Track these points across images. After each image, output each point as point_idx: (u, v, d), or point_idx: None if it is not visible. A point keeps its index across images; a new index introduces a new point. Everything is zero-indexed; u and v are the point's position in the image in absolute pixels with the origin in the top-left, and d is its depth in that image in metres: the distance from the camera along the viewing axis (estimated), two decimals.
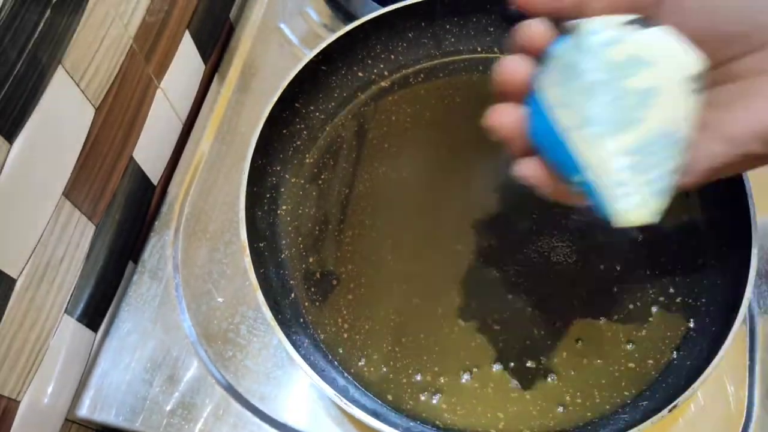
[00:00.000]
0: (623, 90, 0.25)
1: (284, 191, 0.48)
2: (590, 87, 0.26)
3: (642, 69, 0.25)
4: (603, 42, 0.25)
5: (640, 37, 0.25)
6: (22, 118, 0.35)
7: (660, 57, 0.25)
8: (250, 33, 0.59)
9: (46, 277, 0.40)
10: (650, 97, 0.25)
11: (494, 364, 0.42)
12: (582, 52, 0.26)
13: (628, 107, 0.25)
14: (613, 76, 0.25)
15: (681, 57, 0.26)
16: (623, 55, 0.25)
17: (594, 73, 0.25)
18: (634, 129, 0.26)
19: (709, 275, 0.43)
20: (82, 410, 0.45)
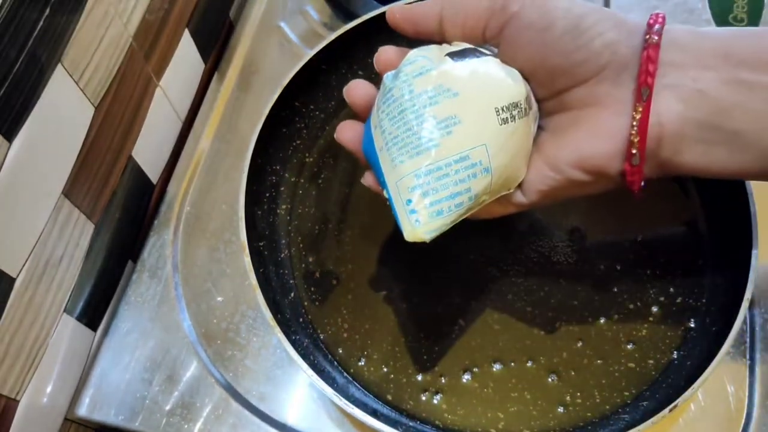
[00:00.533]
0: (423, 117, 0.27)
1: (284, 190, 0.48)
2: (396, 112, 0.28)
3: (447, 98, 0.27)
4: (414, 72, 0.27)
5: (453, 67, 0.28)
6: (22, 117, 0.35)
7: (470, 87, 0.27)
8: (250, 31, 0.59)
9: (45, 276, 0.40)
10: (450, 125, 0.27)
11: (494, 364, 0.41)
12: (396, 80, 0.28)
13: (426, 133, 0.27)
14: (417, 103, 0.27)
15: (496, 87, 0.28)
16: (430, 85, 0.27)
17: (400, 100, 0.28)
18: (428, 154, 0.27)
19: (710, 275, 0.43)
20: (81, 409, 0.45)
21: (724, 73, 0.26)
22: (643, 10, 0.58)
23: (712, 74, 0.27)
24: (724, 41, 0.27)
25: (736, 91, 0.26)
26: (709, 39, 0.27)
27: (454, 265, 0.44)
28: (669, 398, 0.36)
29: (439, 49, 0.30)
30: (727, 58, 0.27)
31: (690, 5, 0.58)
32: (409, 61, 0.29)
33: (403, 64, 0.29)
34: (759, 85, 0.26)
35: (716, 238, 0.43)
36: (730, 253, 0.41)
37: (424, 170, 0.28)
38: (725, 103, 0.26)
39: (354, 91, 0.32)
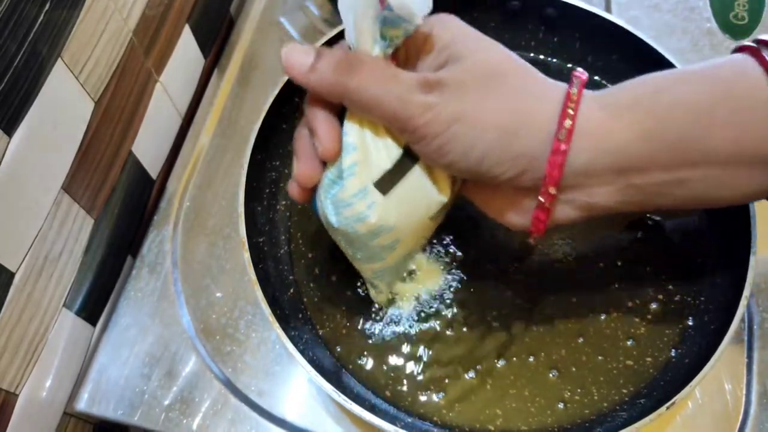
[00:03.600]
0: (371, 248, 0.34)
1: (284, 186, 0.48)
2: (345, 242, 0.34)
3: (386, 232, 0.32)
4: (353, 217, 0.32)
5: (385, 204, 0.31)
6: (21, 112, 0.35)
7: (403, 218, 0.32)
8: (251, 27, 0.59)
9: (44, 271, 0.40)
10: (392, 248, 0.34)
11: (493, 361, 0.42)
12: (339, 219, 0.32)
13: (377, 253, 0.34)
14: (364, 240, 0.33)
15: (426, 205, 0.33)
16: (371, 228, 0.32)
17: (347, 236, 0.33)
18: (380, 262, 0.36)
19: (709, 274, 0.43)
20: (80, 404, 0.45)
21: (618, 185, 0.31)
22: (643, 7, 0.58)
23: (607, 188, 0.31)
24: (620, 155, 0.30)
25: (625, 193, 0.31)
26: (608, 155, 0.30)
27: (454, 262, 0.44)
28: (667, 396, 0.36)
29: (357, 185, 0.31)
30: (623, 173, 0.31)
31: (691, 3, 0.58)
32: (346, 203, 0.31)
33: (340, 204, 0.32)
34: (646, 185, 0.31)
35: (715, 237, 0.43)
36: (729, 252, 0.41)
37: (378, 270, 0.37)
38: (615, 204, 0.32)
39: (302, 173, 0.33)
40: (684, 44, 0.56)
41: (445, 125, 0.29)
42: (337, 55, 0.30)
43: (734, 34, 0.56)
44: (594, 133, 0.30)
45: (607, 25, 0.46)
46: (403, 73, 0.30)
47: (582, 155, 0.30)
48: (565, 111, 0.30)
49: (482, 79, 0.30)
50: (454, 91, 0.29)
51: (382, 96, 0.29)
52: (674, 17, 0.58)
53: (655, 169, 0.30)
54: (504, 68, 0.31)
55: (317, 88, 0.30)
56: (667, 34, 0.57)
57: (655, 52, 0.45)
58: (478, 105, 0.29)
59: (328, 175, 0.32)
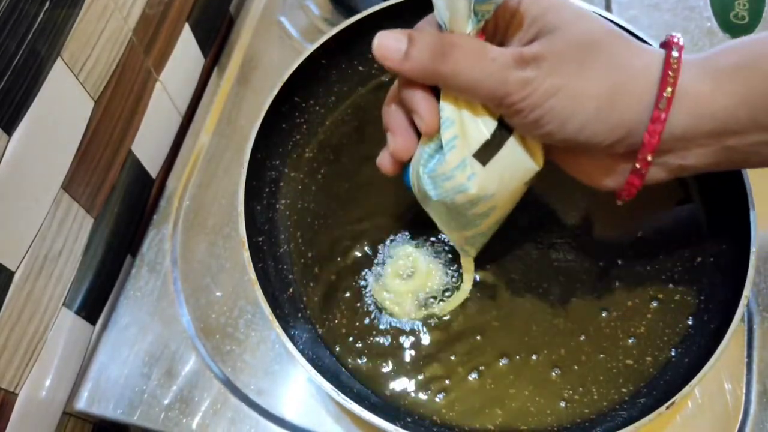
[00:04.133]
0: (468, 216, 0.34)
1: (283, 185, 0.48)
2: (442, 210, 0.34)
3: (484, 201, 0.33)
4: (454, 189, 0.32)
5: (484, 174, 0.32)
6: (21, 111, 0.35)
7: (502, 187, 0.33)
8: (250, 26, 0.59)
9: (44, 270, 0.40)
10: (489, 213, 0.34)
11: (493, 360, 0.42)
12: (437, 191, 0.33)
13: (473, 220, 0.35)
14: (461, 209, 0.33)
15: (522, 174, 0.33)
16: (470, 198, 0.32)
17: (444, 205, 0.33)
18: (474, 229, 0.36)
19: (709, 273, 0.43)
20: (80, 403, 0.45)
21: (713, 147, 0.31)
22: (643, 6, 0.58)
23: (702, 150, 0.31)
24: (720, 119, 0.30)
25: (719, 154, 0.31)
26: (708, 120, 0.30)
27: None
28: (666, 395, 0.36)
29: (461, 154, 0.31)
30: (720, 136, 0.31)
31: (691, 3, 0.58)
32: (446, 176, 0.32)
33: (440, 178, 0.32)
34: (741, 146, 0.31)
35: (715, 236, 0.43)
36: (729, 251, 0.41)
37: (471, 236, 0.37)
38: (707, 165, 0.32)
39: (399, 147, 0.33)
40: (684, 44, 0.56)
41: (543, 99, 0.29)
42: (429, 40, 0.30)
43: (734, 33, 0.56)
44: (694, 100, 0.30)
45: None
46: (497, 50, 0.30)
47: (681, 122, 0.30)
48: (666, 78, 0.30)
49: (578, 51, 0.30)
50: (551, 65, 0.29)
51: (478, 78, 0.29)
52: (674, 17, 0.58)
53: (754, 131, 0.30)
54: (599, 38, 0.30)
55: (413, 75, 0.30)
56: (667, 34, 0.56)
57: None
58: (574, 77, 0.29)
59: (426, 149, 0.32)
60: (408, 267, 0.44)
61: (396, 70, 0.31)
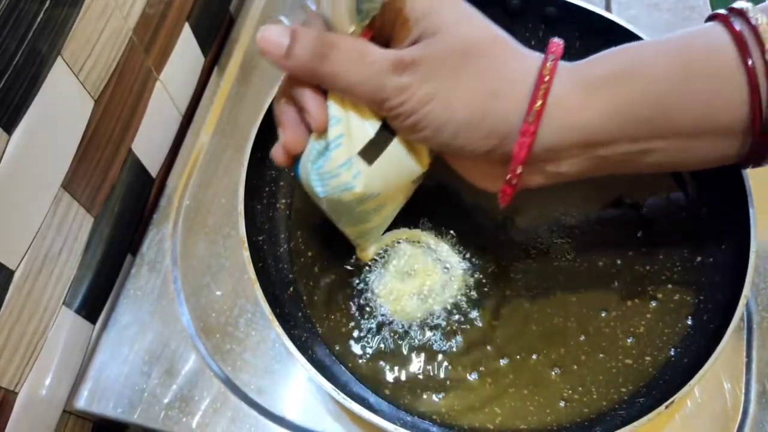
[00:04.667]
0: (356, 213, 0.35)
1: (283, 185, 0.48)
2: (330, 208, 0.35)
3: (371, 198, 0.33)
4: (339, 186, 0.32)
5: (370, 172, 0.32)
6: (21, 109, 0.35)
7: (388, 185, 0.33)
8: (251, 26, 0.59)
9: (44, 269, 0.40)
10: (376, 211, 0.35)
11: (492, 360, 0.42)
12: (325, 189, 0.33)
13: (362, 216, 0.35)
14: (349, 207, 0.34)
15: (408, 172, 0.34)
16: (356, 196, 0.33)
17: (332, 203, 0.34)
18: (363, 224, 0.37)
19: (708, 273, 0.43)
20: (80, 402, 0.45)
21: (585, 156, 0.32)
22: (643, 6, 0.58)
23: (574, 160, 0.32)
24: (589, 131, 0.30)
25: (592, 163, 0.32)
26: (577, 132, 0.31)
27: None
28: (666, 395, 0.36)
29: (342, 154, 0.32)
30: (590, 147, 0.31)
31: (690, 2, 0.58)
32: (332, 174, 0.32)
33: (327, 175, 0.32)
34: (612, 156, 0.31)
35: (715, 236, 0.43)
36: (729, 251, 0.41)
37: (363, 230, 0.39)
38: (581, 172, 0.33)
39: (289, 142, 0.33)
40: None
41: (419, 105, 0.30)
42: (311, 39, 0.30)
43: None
44: (564, 111, 0.30)
45: (607, 23, 0.46)
46: (377, 53, 0.30)
47: (551, 134, 0.30)
48: (537, 90, 0.30)
49: (456, 58, 0.30)
50: (428, 71, 0.29)
51: (356, 81, 0.29)
52: (674, 16, 0.58)
53: (623, 141, 0.31)
54: (478, 44, 0.30)
55: (295, 73, 0.31)
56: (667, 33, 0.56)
57: None
58: (450, 85, 0.30)
59: (315, 146, 0.32)
60: (408, 266, 0.44)
61: (278, 66, 0.30)
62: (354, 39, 0.30)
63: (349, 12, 0.29)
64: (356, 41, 0.30)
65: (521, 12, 0.49)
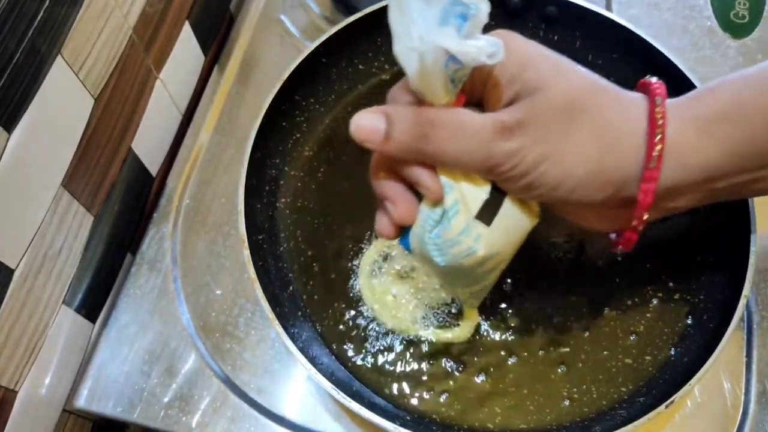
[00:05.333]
0: (475, 276, 0.34)
1: (283, 184, 0.48)
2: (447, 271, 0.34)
3: (491, 259, 0.33)
4: (461, 254, 0.32)
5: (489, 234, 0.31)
6: (21, 108, 0.35)
7: (507, 244, 0.33)
8: (251, 24, 0.59)
9: (44, 268, 0.40)
10: (493, 270, 0.35)
11: (492, 359, 0.42)
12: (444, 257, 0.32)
13: (480, 277, 0.35)
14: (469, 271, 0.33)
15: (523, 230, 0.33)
16: (478, 260, 0.32)
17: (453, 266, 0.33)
18: (479, 284, 0.37)
19: (708, 273, 0.43)
20: (79, 401, 0.45)
21: (699, 192, 0.32)
22: (643, 6, 0.58)
23: (690, 195, 0.32)
24: (708, 169, 0.30)
25: (707, 196, 0.32)
26: (697, 170, 0.30)
27: None
28: (666, 394, 0.36)
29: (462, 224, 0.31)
30: (708, 182, 0.31)
31: (691, 2, 0.58)
32: (453, 242, 0.31)
33: (446, 244, 0.32)
34: (729, 186, 0.31)
35: (715, 236, 0.43)
36: (729, 251, 0.41)
37: (476, 290, 0.38)
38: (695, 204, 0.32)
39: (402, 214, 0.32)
40: (684, 43, 0.56)
41: (531, 167, 0.29)
42: (408, 119, 0.29)
43: (735, 33, 0.56)
44: (681, 152, 0.30)
45: (608, 23, 0.46)
46: (478, 121, 0.29)
47: (670, 175, 0.30)
48: (653, 135, 0.29)
49: (562, 115, 0.29)
50: (535, 132, 0.29)
51: (462, 155, 0.29)
52: (674, 16, 0.58)
53: (740, 173, 0.31)
54: (582, 97, 0.29)
55: (398, 155, 0.30)
56: (667, 33, 0.57)
57: (656, 51, 0.45)
58: (562, 143, 0.29)
59: (430, 216, 0.31)
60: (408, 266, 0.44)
61: (380, 150, 0.30)
62: (451, 111, 0.29)
63: (443, 85, 0.28)
64: (454, 113, 0.29)
65: (522, 11, 0.49)
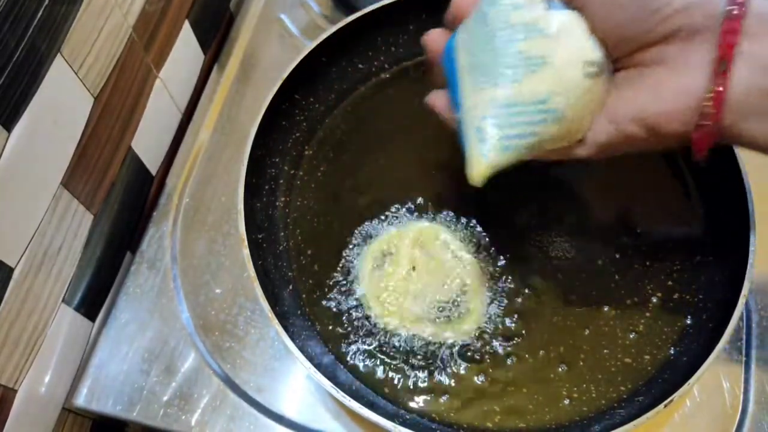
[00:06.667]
0: (513, 49, 0.27)
1: (283, 183, 0.48)
2: (486, 38, 0.27)
3: (537, 38, 0.27)
4: (512, 3, 0.26)
5: (548, 12, 0.27)
6: (21, 107, 0.35)
7: (559, 35, 0.27)
8: (251, 23, 0.58)
9: (43, 267, 0.40)
10: (535, 65, 0.27)
11: (490, 359, 0.42)
12: (493, 6, 0.27)
13: (511, 65, 0.27)
14: (510, 33, 0.27)
15: (580, 42, 0.27)
16: (525, 19, 0.26)
17: (493, 26, 0.27)
18: (509, 87, 0.27)
19: (708, 272, 0.43)
20: (79, 399, 0.45)
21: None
22: None
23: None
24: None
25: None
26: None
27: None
28: (665, 394, 0.36)
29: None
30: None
31: None
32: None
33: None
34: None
35: (714, 235, 0.43)
36: (728, 250, 0.41)
37: (502, 102, 0.28)
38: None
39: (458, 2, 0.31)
40: None
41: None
42: None
43: None
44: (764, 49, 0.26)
45: None
46: None
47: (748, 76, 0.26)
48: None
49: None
50: None
51: None
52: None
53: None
54: None
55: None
56: None
57: None
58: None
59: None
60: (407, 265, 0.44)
61: None
62: None
63: None
64: None
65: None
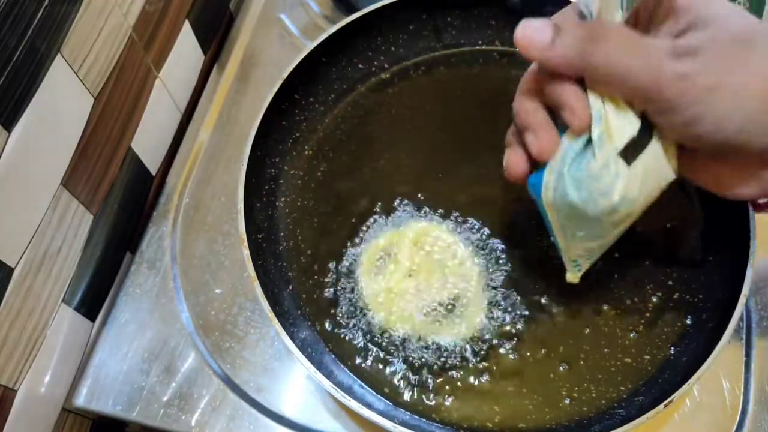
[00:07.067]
0: (605, 222, 0.32)
1: (283, 183, 0.48)
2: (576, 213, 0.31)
3: (626, 206, 0.30)
4: (597, 192, 0.30)
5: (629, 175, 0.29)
6: (21, 107, 0.35)
7: (644, 188, 0.30)
8: (250, 23, 0.58)
9: (43, 267, 0.40)
10: (619, 224, 0.32)
11: (492, 359, 0.42)
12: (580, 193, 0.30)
13: (604, 229, 0.32)
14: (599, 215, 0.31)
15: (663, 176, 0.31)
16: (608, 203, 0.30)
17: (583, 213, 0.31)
18: (599, 240, 0.34)
19: (708, 272, 0.43)
20: (79, 399, 0.45)
21: None
22: None
23: None
24: None
25: None
26: None
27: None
28: (665, 393, 0.36)
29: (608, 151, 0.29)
30: None
31: None
32: (594, 177, 0.30)
33: (587, 179, 0.30)
34: None
35: (714, 235, 0.43)
36: (728, 250, 0.41)
37: (595, 249, 0.35)
38: None
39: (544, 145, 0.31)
40: None
41: (700, 96, 0.27)
42: (578, 28, 0.28)
43: None
44: None
45: None
46: (650, 40, 0.28)
47: None
48: None
49: (735, 46, 0.28)
50: (709, 59, 0.27)
51: (631, 67, 0.27)
52: None
53: None
54: (755, 32, 0.28)
55: (559, 64, 0.29)
56: None
57: None
58: (734, 73, 0.27)
59: (572, 147, 0.30)
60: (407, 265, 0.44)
61: (541, 59, 0.29)
62: (623, 27, 0.28)
63: (617, 2, 0.28)
64: (625, 28, 0.28)
65: (521, 10, 0.49)
